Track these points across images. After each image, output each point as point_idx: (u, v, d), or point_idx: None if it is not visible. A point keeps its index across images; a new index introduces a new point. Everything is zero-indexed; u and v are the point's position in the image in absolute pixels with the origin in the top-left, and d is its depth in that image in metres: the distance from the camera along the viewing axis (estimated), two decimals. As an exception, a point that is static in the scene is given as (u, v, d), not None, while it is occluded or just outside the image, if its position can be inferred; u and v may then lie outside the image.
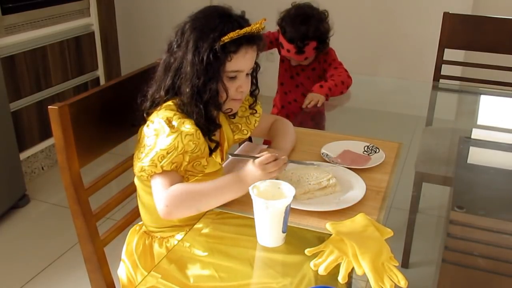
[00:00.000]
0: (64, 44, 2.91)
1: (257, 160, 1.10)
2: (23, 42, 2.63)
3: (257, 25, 1.15)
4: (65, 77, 2.95)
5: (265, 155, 1.10)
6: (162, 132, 1.11)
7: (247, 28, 1.13)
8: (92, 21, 3.14)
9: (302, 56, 2.01)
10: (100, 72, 3.27)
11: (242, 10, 1.20)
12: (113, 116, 1.29)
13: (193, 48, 1.13)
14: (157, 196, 1.11)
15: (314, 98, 1.90)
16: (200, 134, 1.14)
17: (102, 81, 3.29)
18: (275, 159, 1.10)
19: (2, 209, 2.41)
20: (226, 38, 1.12)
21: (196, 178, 1.20)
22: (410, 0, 3.20)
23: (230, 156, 1.13)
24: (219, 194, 1.12)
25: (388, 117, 1.91)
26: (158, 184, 1.11)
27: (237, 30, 1.12)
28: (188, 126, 1.12)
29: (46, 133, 2.82)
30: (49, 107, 1.11)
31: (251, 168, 1.10)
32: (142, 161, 1.11)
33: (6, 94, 2.41)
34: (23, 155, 2.69)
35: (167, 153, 1.09)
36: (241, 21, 1.16)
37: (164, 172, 1.11)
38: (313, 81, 2.08)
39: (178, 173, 1.13)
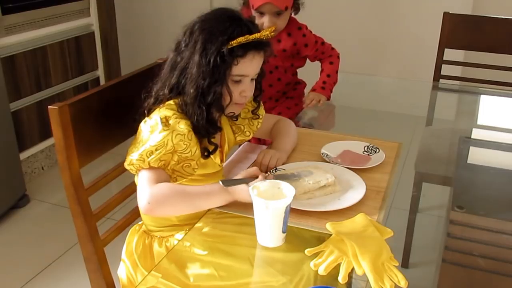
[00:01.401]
0: (64, 44, 2.91)
1: (250, 183, 1.10)
2: (23, 42, 2.63)
3: (267, 32, 1.15)
4: (65, 77, 2.96)
5: (257, 180, 1.10)
6: (155, 129, 1.12)
7: (256, 34, 1.13)
8: (92, 21, 3.14)
9: (283, 2, 1.77)
10: (100, 72, 3.27)
11: (251, 16, 1.20)
12: (113, 116, 1.29)
13: (201, 50, 1.13)
14: (141, 191, 1.11)
15: (315, 97, 1.89)
16: (193, 135, 1.14)
17: (102, 81, 3.29)
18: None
19: (2, 209, 2.41)
20: (234, 42, 1.12)
21: (191, 178, 1.20)
22: (410, 0, 3.19)
23: (220, 182, 1.14)
24: (203, 200, 1.13)
25: (388, 117, 1.91)
26: (144, 179, 1.12)
27: (246, 35, 1.12)
28: (182, 127, 1.12)
29: (46, 133, 2.82)
30: (49, 107, 1.12)
31: (242, 187, 1.11)
32: (132, 155, 1.12)
33: (6, 94, 2.41)
34: (23, 155, 2.69)
35: (156, 150, 1.10)
36: (250, 26, 1.16)
37: (151, 168, 1.12)
38: (282, 60, 1.95)
39: (165, 172, 1.14)
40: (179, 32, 1.20)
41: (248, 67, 1.17)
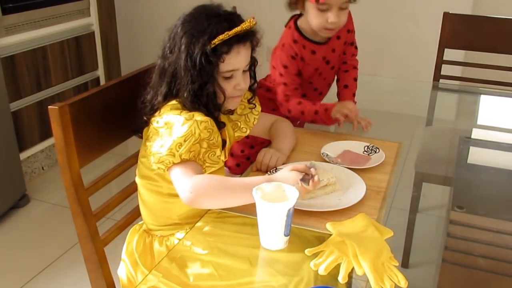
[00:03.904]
0: (64, 44, 2.91)
1: (300, 180, 1.09)
2: (23, 42, 2.63)
3: (247, 24, 1.14)
4: (65, 77, 2.95)
5: (312, 184, 1.10)
6: (176, 122, 1.10)
7: (236, 28, 1.12)
8: (92, 21, 3.14)
9: None
10: (100, 72, 3.27)
11: (233, 6, 1.19)
12: (113, 116, 1.29)
13: (185, 53, 1.12)
14: (180, 184, 1.07)
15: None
16: (213, 123, 1.13)
17: (102, 81, 3.29)
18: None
19: (2, 209, 2.41)
20: (216, 41, 1.11)
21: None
22: (410, 0, 3.19)
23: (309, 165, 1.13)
24: (244, 191, 1.06)
25: (388, 117, 1.90)
26: (179, 174, 1.08)
27: (226, 32, 1.11)
28: (199, 117, 1.11)
29: (46, 133, 2.82)
30: (49, 107, 1.12)
31: (289, 176, 1.10)
32: (160, 151, 1.09)
33: (6, 94, 2.41)
34: (23, 155, 2.69)
35: (185, 141, 1.07)
36: (231, 19, 1.14)
37: (183, 162, 1.09)
38: (331, 64, 1.70)
39: (197, 163, 1.11)
40: (164, 36, 1.19)
41: (235, 62, 1.16)
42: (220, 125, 1.20)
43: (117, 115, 1.30)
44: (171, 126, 1.10)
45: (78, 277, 2.04)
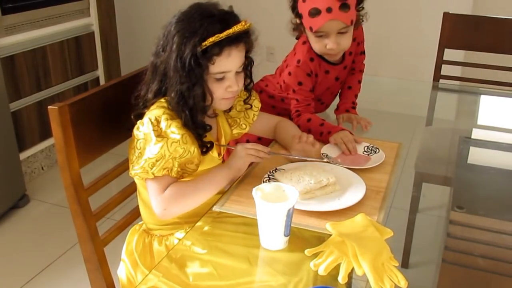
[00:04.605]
0: (64, 44, 2.91)
1: (244, 145, 1.23)
2: (23, 42, 2.63)
3: (239, 27, 1.13)
4: (65, 77, 2.96)
5: (250, 146, 1.22)
6: (149, 139, 1.11)
7: (228, 30, 1.11)
8: (92, 21, 3.14)
9: (348, 16, 1.47)
10: (100, 72, 3.27)
11: (230, 5, 1.18)
12: (113, 116, 1.29)
13: (176, 53, 1.12)
14: (154, 201, 1.14)
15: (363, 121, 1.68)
16: (187, 137, 1.14)
17: (102, 81, 3.30)
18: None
19: (2, 209, 2.41)
20: (206, 43, 1.10)
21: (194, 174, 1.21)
22: (410, 0, 3.19)
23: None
24: (211, 185, 1.19)
25: (388, 117, 1.90)
26: (153, 189, 1.13)
27: (217, 34, 1.10)
28: (174, 130, 1.11)
29: (46, 133, 2.82)
30: (49, 107, 1.12)
31: (235, 153, 1.21)
32: (134, 168, 1.13)
33: (6, 94, 2.41)
34: (23, 155, 2.69)
35: (156, 161, 1.10)
36: (224, 19, 1.13)
37: (156, 178, 1.12)
38: (340, 80, 1.72)
39: (170, 177, 1.14)
40: (159, 33, 1.18)
41: (226, 64, 1.15)
42: (206, 129, 1.19)
43: (117, 115, 1.30)
44: (147, 142, 1.12)
45: (78, 278, 2.04)
